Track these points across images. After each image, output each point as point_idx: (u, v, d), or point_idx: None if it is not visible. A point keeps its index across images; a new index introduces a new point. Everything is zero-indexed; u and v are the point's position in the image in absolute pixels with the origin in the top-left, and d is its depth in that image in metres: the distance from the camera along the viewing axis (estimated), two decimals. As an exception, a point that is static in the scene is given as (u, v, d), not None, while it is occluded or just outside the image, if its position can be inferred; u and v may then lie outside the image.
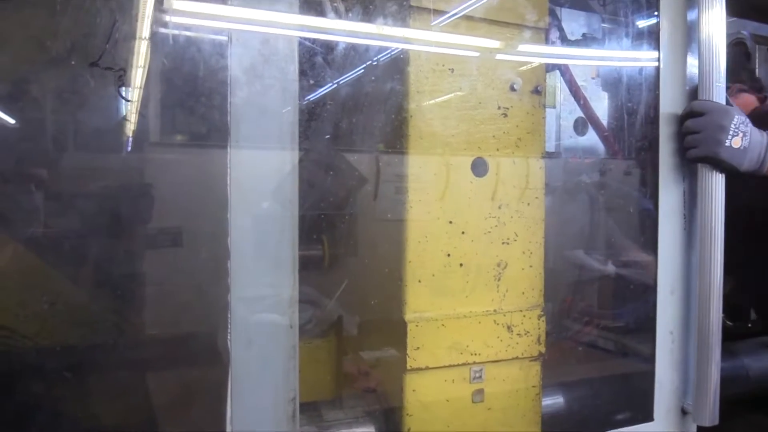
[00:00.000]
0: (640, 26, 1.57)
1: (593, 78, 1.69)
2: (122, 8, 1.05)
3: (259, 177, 1.05)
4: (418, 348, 1.25)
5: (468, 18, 1.29)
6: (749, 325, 2.13)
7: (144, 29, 1.08)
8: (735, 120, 1.37)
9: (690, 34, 1.49)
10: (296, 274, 1.08)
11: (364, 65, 1.25)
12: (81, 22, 1.04)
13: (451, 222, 1.28)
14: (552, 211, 1.44)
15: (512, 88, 1.33)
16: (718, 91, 1.41)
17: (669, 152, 1.49)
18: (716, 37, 1.40)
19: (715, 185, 1.41)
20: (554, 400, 1.52)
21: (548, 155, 1.43)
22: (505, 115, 1.33)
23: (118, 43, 1.04)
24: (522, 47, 1.35)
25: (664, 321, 1.50)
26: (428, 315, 1.26)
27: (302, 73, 1.13)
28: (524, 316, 1.34)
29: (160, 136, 1.22)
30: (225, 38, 1.03)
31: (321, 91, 1.25)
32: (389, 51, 1.27)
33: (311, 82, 1.20)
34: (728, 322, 2.05)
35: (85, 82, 1.07)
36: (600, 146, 1.71)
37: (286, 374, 1.08)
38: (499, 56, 1.33)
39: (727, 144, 1.37)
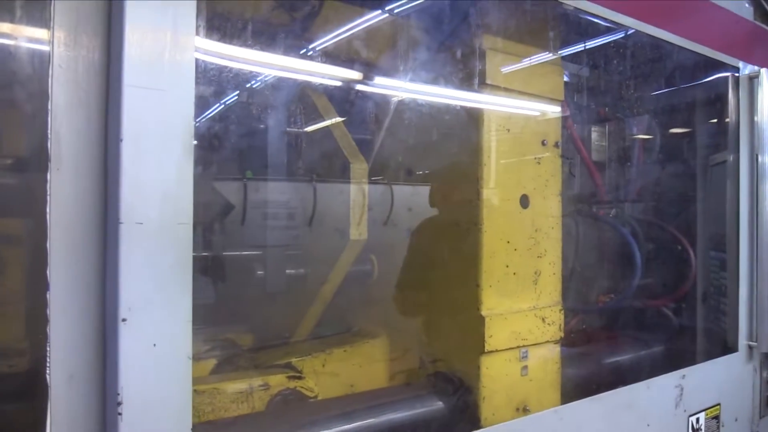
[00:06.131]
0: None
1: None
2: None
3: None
4: (491, 336, 1.67)
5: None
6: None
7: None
8: None
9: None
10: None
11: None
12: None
13: (509, 242, 1.74)
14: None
15: (543, 143, 1.83)
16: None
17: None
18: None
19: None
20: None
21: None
22: (539, 163, 1.82)
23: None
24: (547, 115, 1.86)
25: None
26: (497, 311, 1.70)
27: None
28: (551, 309, 1.83)
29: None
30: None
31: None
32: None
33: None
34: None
35: None
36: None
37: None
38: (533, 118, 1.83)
39: None
